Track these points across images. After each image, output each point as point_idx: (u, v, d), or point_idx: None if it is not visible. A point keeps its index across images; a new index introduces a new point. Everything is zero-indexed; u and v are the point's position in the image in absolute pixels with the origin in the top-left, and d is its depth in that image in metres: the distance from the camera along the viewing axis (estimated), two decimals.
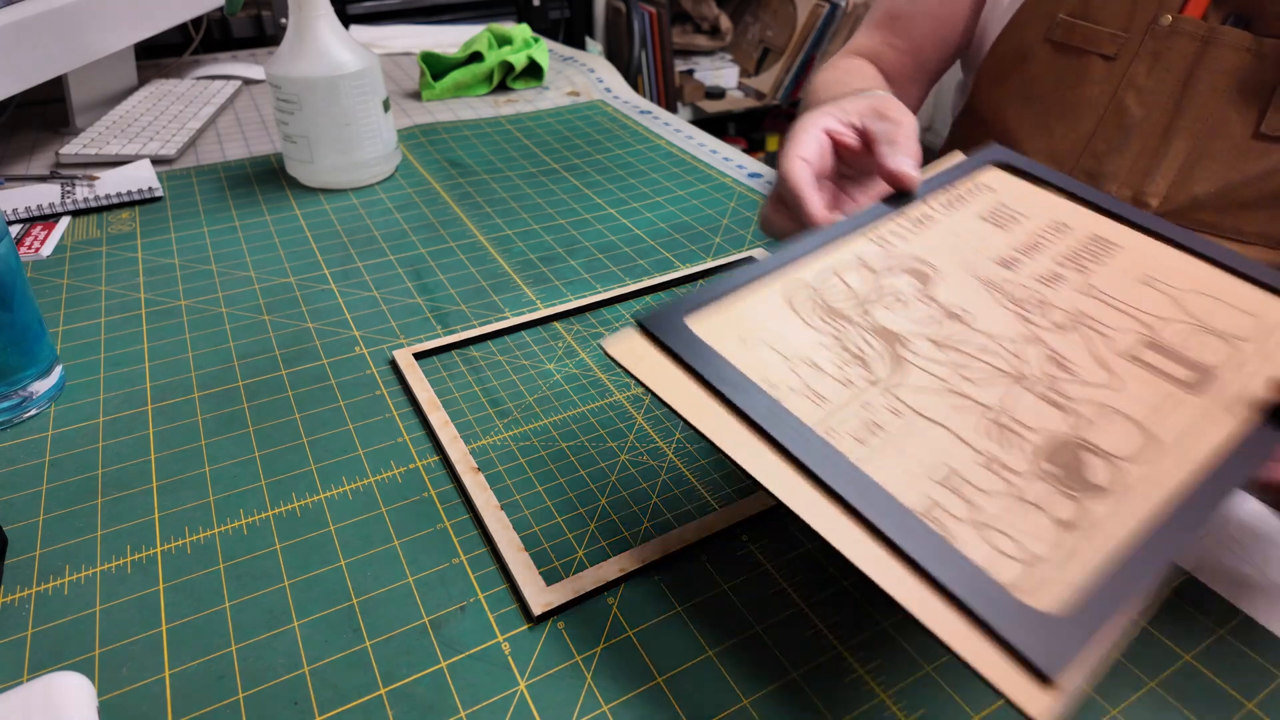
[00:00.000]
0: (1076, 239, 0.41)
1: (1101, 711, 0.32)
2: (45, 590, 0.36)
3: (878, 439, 0.31)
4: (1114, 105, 0.59)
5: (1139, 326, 0.36)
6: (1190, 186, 0.56)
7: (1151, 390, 0.33)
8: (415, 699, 0.32)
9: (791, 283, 0.37)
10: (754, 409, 0.30)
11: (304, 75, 0.69)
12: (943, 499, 0.28)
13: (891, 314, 0.36)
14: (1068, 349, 0.35)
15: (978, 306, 0.37)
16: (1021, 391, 0.33)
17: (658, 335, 0.33)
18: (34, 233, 0.66)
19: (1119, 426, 0.32)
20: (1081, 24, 0.60)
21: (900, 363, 0.34)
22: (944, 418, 0.32)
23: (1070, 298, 0.38)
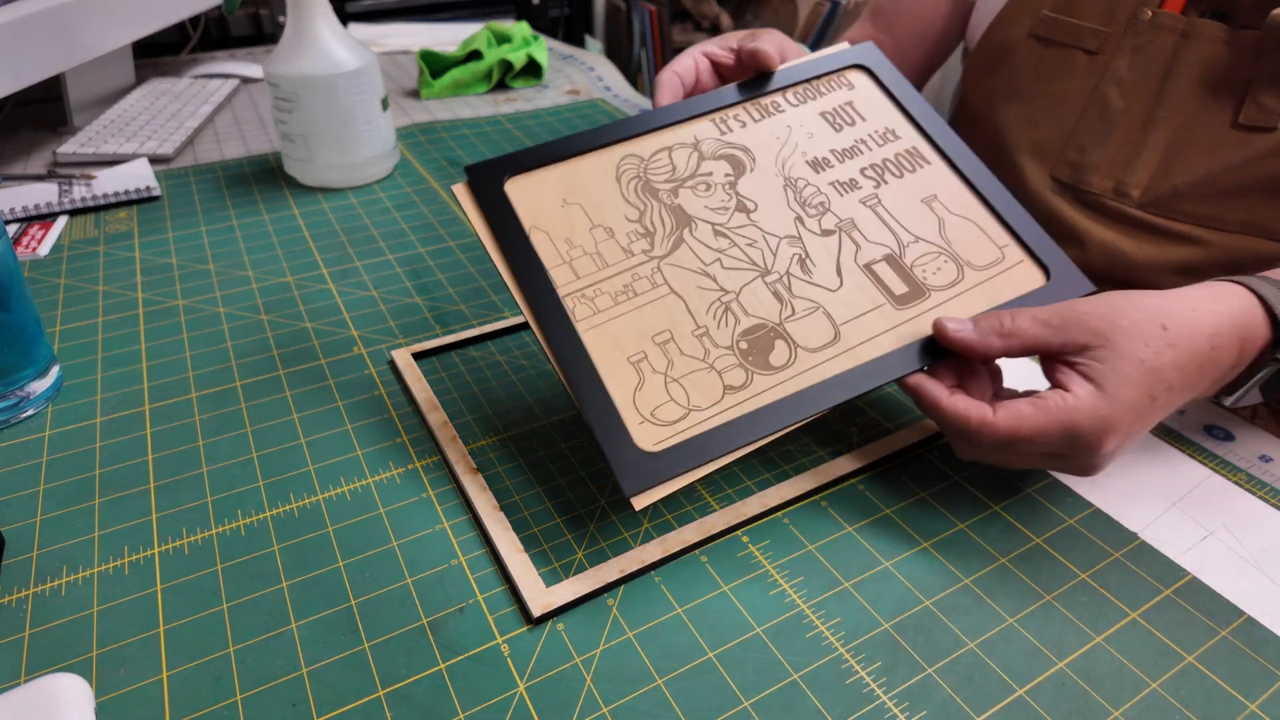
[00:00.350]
0: (895, 150, 0.47)
1: (1104, 713, 0.32)
2: (43, 591, 0.36)
3: (626, 302, 0.40)
4: (1096, 98, 0.60)
5: (892, 242, 0.43)
6: (1171, 177, 0.57)
7: (865, 298, 0.41)
8: (414, 700, 0.32)
9: (627, 154, 0.45)
10: (521, 271, 0.40)
11: (302, 74, 0.68)
12: (651, 354, 0.38)
13: (694, 196, 0.44)
14: (819, 253, 0.43)
15: (767, 203, 0.44)
16: (760, 284, 0.41)
17: (475, 188, 0.41)
18: (31, 232, 0.66)
19: (818, 323, 0.40)
20: (1064, 20, 0.62)
21: (679, 243, 0.42)
22: (687, 294, 0.40)
23: (850, 206, 0.45)
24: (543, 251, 0.41)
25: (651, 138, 0.46)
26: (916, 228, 0.44)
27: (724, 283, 0.41)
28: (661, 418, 0.37)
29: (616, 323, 0.39)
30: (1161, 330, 0.36)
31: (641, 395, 0.37)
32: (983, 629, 0.35)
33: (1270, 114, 0.53)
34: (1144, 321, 0.36)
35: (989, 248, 0.44)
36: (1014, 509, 0.41)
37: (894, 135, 0.48)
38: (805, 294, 0.41)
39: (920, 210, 0.45)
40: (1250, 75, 0.53)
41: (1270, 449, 0.45)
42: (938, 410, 0.37)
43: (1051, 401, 0.35)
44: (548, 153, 0.44)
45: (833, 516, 0.40)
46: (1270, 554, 0.38)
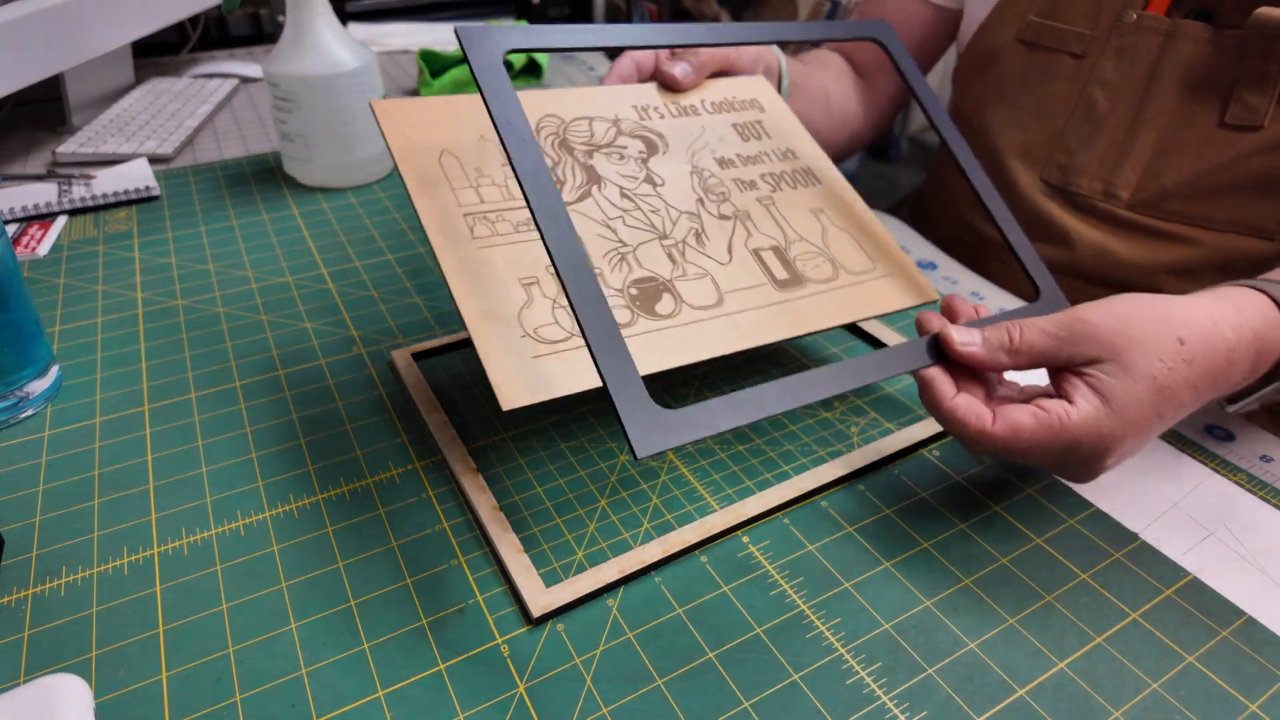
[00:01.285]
0: (793, 166, 0.52)
1: (1105, 714, 0.32)
2: (42, 591, 0.36)
3: (527, 232, 0.41)
4: (1083, 101, 0.61)
5: (779, 236, 0.47)
6: (1159, 177, 0.57)
7: (748, 276, 0.44)
8: (414, 701, 0.32)
9: (549, 113, 0.47)
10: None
11: (302, 73, 0.68)
12: (543, 280, 0.39)
13: (607, 162, 0.46)
14: (714, 231, 0.45)
15: (673, 182, 0.47)
16: (656, 244, 0.43)
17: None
18: (30, 232, 0.66)
19: (704, 287, 0.42)
20: (1050, 24, 0.62)
21: (587, 196, 0.44)
22: (587, 239, 0.42)
23: (747, 201, 0.48)
24: (451, 174, 0.43)
25: (575, 101, 0.49)
26: (802, 230, 0.48)
27: (623, 237, 0.43)
28: (544, 336, 0.38)
29: (514, 248, 0.41)
30: (1178, 345, 0.34)
31: (529, 313, 0.38)
32: (983, 629, 0.35)
33: (1256, 112, 0.53)
34: (1160, 334, 0.34)
35: (862, 259, 0.48)
36: (1014, 509, 0.41)
37: (793, 155, 0.53)
38: (697, 261, 0.43)
39: (808, 217, 0.49)
40: (1235, 74, 0.54)
41: (1270, 449, 0.45)
42: (938, 409, 0.37)
43: (1053, 414, 0.34)
44: (532, 37, 0.43)
45: (833, 517, 0.40)
46: (1271, 554, 0.38)
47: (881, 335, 0.53)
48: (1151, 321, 0.35)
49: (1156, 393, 0.34)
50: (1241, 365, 0.36)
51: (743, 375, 0.50)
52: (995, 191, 0.48)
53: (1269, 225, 0.54)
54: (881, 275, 0.47)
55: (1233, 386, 0.38)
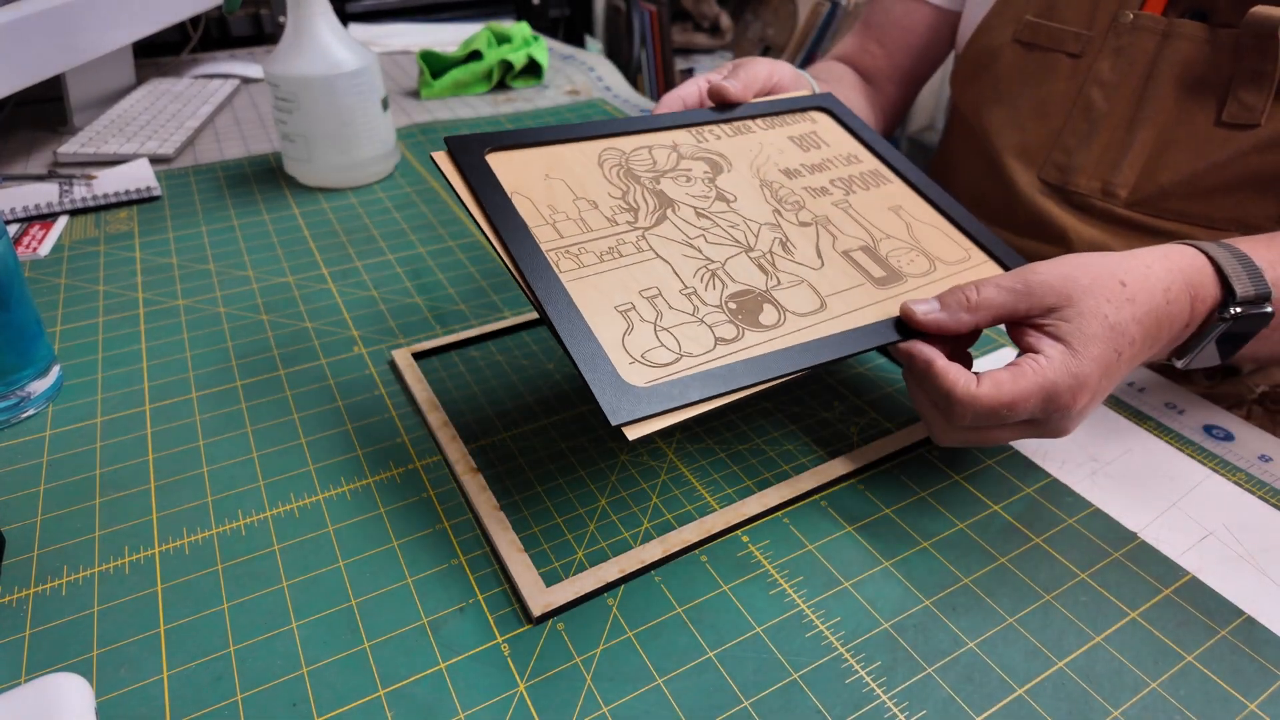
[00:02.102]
0: (859, 170, 0.51)
1: (1104, 713, 0.32)
2: (43, 591, 0.36)
3: (611, 261, 0.40)
4: (1080, 101, 0.61)
5: (866, 236, 0.46)
6: (1157, 176, 0.57)
7: (846, 278, 0.43)
8: (414, 700, 0.32)
9: (607, 147, 0.47)
10: (503, 226, 0.39)
11: (302, 74, 0.69)
12: (640, 305, 0.38)
13: (675, 185, 0.46)
14: (799, 239, 0.44)
15: (746, 196, 0.46)
16: (745, 258, 0.42)
17: (455, 156, 0.42)
18: (32, 232, 0.66)
19: (804, 293, 0.41)
20: (1046, 24, 0.62)
21: (663, 219, 0.43)
22: (671, 258, 0.41)
23: (824, 206, 0.47)
24: (525, 213, 0.41)
25: (631, 138, 0.49)
26: (886, 228, 0.47)
27: (709, 254, 0.42)
28: (652, 360, 0.36)
29: (602, 277, 0.39)
30: (1121, 286, 0.37)
31: (631, 339, 0.36)
32: (982, 629, 0.35)
33: (1252, 111, 0.53)
34: (1103, 278, 0.37)
35: (955, 248, 0.47)
36: (1013, 508, 0.41)
37: (856, 159, 0.52)
38: (789, 269, 0.42)
39: (888, 215, 0.48)
40: (1231, 73, 0.54)
41: (1270, 449, 0.45)
42: (930, 371, 0.37)
43: (1027, 366, 0.36)
44: (527, 137, 0.45)
45: (833, 516, 0.40)
46: (1270, 554, 0.38)
47: None
48: (1094, 269, 0.38)
49: (1110, 329, 0.36)
50: (1179, 305, 0.38)
51: None
52: (936, 185, 0.51)
53: (1266, 223, 0.54)
54: (980, 261, 0.46)
55: (1175, 332, 0.39)
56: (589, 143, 0.47)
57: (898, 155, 0.53)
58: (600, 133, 0.48)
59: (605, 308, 0.38)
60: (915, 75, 0.79)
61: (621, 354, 0.36)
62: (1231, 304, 0.39)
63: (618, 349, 0.36)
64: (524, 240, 0.39)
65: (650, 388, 0.34)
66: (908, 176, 0.52)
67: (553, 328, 0.36)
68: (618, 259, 0.40)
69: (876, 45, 0.78)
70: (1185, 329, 0.40)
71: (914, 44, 0.76)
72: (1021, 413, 0.36)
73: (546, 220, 0.41)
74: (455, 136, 0.43)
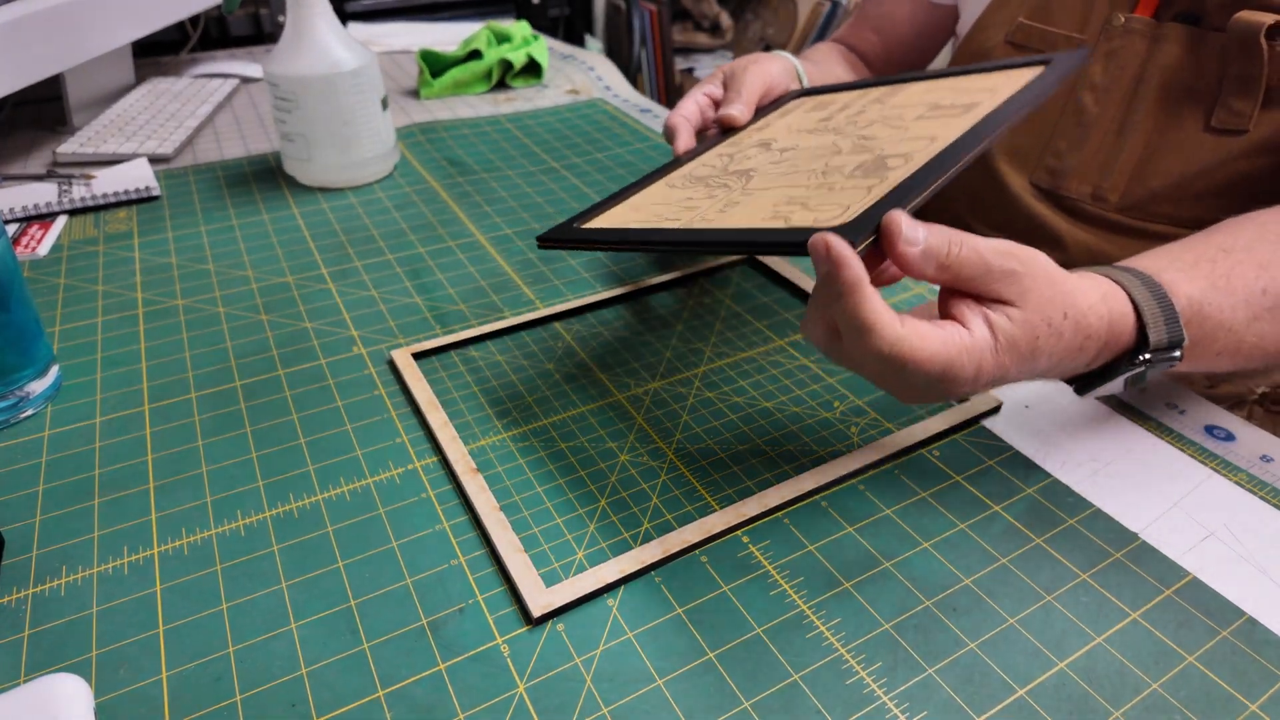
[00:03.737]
0: (873, 96, 0.56)
1: (1105, 714, 0.32)
2: (42, 591, 0.36)
3: (736, 207, 0.44)
4: (1071, 104, 0.61)
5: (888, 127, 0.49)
6: (1147, 180, 0.57)
7: (931, 125, 0.46)
8: (414, 701, 0.32)
9: (669, 177, 0.53)
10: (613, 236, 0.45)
11: (302, 73, 0.68)
12: (787, 210, 0.40)
13: (746, 160, 0.51)
14: (875, 131, 0.48)
15: (804, 143, 0.51)
16: (838, 156, 0.46)
17: (555, 240, 0.47)
18: (31, 232, 0.66)
19: (902, 149, 0.44)
20: (1039, 27, 0.62)
21: (749, 178, 0.48)
22: (780, 185, 0.45)
23: (873, 117, 0.52)
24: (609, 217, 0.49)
25: (680, 169, 0.54)
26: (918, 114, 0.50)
27: (808, 167, 0.46)
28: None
29: (732, 215, 0.43)
30: (1062, 318, 0.35)
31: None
32: (983, 629, 0.35)
33: (1241, 117, 0.53)
34: (1056, 301, 0.35)
35: (982, 90, 0.50)
36: (1014, 509, 0.41)
37: (866, 94, 0.57)
38: (881, 144, 0.46)
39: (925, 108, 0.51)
40: (1220, 78, 0.54)
41: (1271, 449, 0.45)
42: (858, 292, 0.32)
43: (954, 333, 0.34)
44: (601, 204, 0.51)
45: (833, 516, 0.40)
46: (1271, 554, 0.38)
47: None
48: (1054, 286, 0.36)
49: (1030, 347, 0.35)
50: (1087, 354, 0.37)
51: (744, 375, 0.50)
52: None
53: None
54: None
55: (1066, 368, 0.38)
56: (648, 184, 0.53)
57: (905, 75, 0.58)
58: (656, 174, 0.54)
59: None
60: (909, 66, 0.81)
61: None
62: (1144, 350, 0.38)
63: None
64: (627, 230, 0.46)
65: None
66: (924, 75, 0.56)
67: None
68: (736, 205, 0.45)
69: (874, 35, 0.79)
70: (1084, 367, 0.38)
71: (905, 36, 0.77)
72: (918, 376, 0.33)
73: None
74: (547, 233, 0.48)
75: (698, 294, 0.59)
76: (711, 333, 0.54)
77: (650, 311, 0.57)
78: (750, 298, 0.58)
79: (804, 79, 0.66)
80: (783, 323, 0.55)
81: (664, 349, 0.53)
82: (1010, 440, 0.45)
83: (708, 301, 0.58)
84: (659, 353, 0.52)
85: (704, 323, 0.55)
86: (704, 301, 0.58)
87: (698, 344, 0.53)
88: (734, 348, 0.53)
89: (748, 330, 0.55)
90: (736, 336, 0.54)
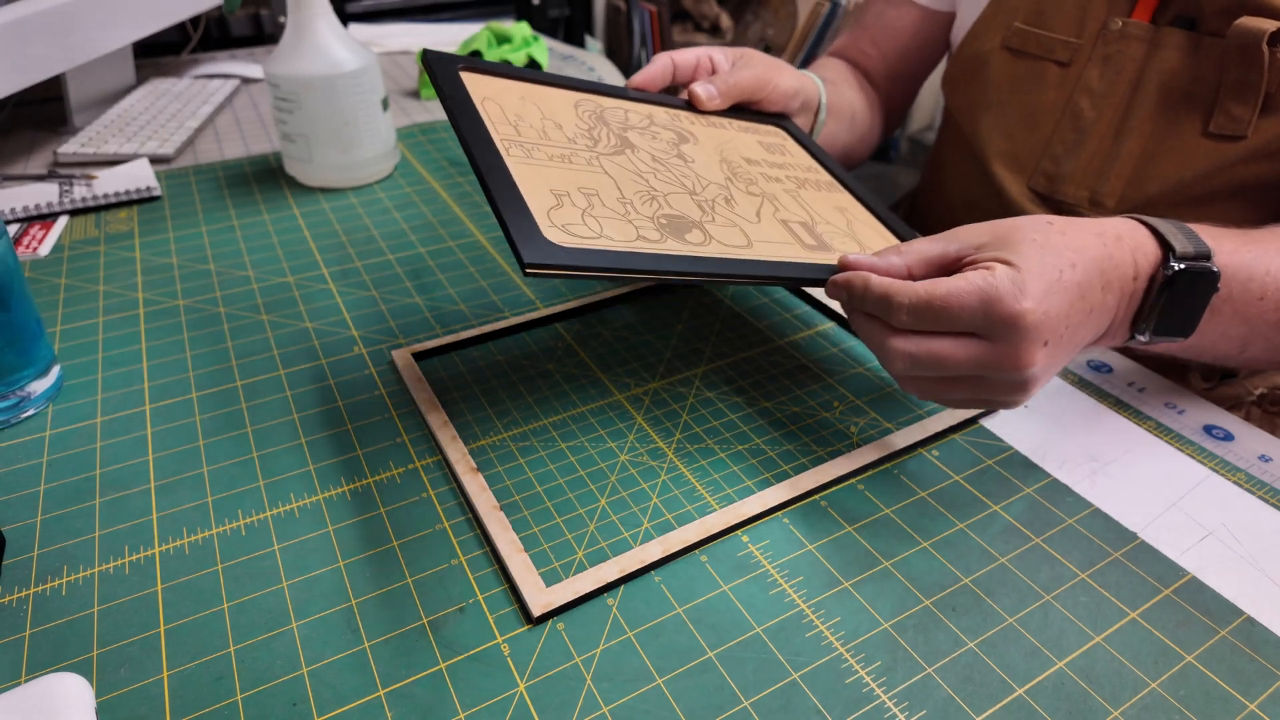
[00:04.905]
0: (814, 177, 0.55)
1: (1104, 713, 0.32)
2: (43, 591, 0.36)
3: (561, 164, 0.42)
4: (1069, 109, 0.61)
5: (806, 216, 0.49)
6: (1144, 185, 0.57)
7: (778, 235, 0.45)
8: (414, 700, 0.32)
9: (586, 98, 0.51)
10: (465, 123, 0.42)
11: (302, 74, 0.69)
12: (573, 195, 0.40)
13: (640, 137, 0.49)
14: (742, 200, 0.47)
15: (703, 163, 0.49)
16: (687, 196, 0.45)
17: (430, 68, 0.45)
18: (32, 232, 0.66)
19: (734, 233, 0.43)
20: (1036, 32, 0.62)
21: (619, 152, 0.46)
22: (618, 178, 0.43)
23: (774, 188, 0.50)
24: (490, 113, 0.44)
25: (610, 99, 0.52)
26: (827, 217, 0.50)
27: (654, 185, 0.44)
28: (573, 232, 0.37)
29: (547, 169, 0.41)
30: (1048, 224, 0.38)
31: (557, 213, 0.38)
32: (982, 628, 0.35)
33: (1240, 122, 0.53)
34: (1030, 221, 0.39)
35: (887, 243, 0.50)
36: (1014, 509, 0.41)
37: (815, 170, 0.56)
38: (726, 216, 0.45)
39: (832, 210, 0.51)
40: (1218, 83, 0.54)
41: (1270, 449, 0.45)
42: (868, 284, 0.38)
43: (967, 272, 0.37)
44: (509, 70, 0.49)
45: (833, 516, 0.40)
46: (1270, 554, 0.38)
47: None
48: (1021, 219, 0.39)
49: (1043, 250, 0.36)
50: (1116, 248, 0.39)
51: (744, 375, 0.50)
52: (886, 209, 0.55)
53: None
54: None
55: (1121, 277, 0.39)
56: (568, 91, 0.51)
57: (852, 178, 0.57)
58: (581, 87, 0.51)
59: (540, 187, 0.40)
60: (911, 75, 0.79)
61: (545, 219, 0.37)
62: (1173, 259, 0.39)
63: (543, 215, 0.38)
64: (478, 127, 0.42)
65: (565, 247, 0.36)
66: (859, 194, 0.55)
67: (485, 186, 0.38)
68: (567, 164, 0.43)
69: (871, 46, 0.78)
70: (1133, 280, 0.39)
71: (906, 45, 0.76)
72: (961, 314, 0.35)
73: (509, 122, 0.44)
74: (433, 51, 0.46)
75: (698, 294, 0.59)
76: (711, 333, 0.54)
77: (650, 311, 0.57)
78: (750, 298, 0.58)
79: (823, 104, 0.65)
80: (783, 323, 0.56)
81: (664, 349, 0.53)
82: (1009, 440, 0.45)
83: (708, 301, 0.58)
84: (659, 353, 0.52)
85: (704, 323, 0.55)
86: (704, 301, 0.58)
87: (698, 344, 0.53)
88: (734, 348, 0.53)
89: (748, 330, 0.55)
90: (736, 336, 0.54)
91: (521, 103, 0.46)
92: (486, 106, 0.44)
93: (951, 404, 0.40)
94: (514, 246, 0.35)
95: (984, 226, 0.39)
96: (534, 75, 0.50)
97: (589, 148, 0.45)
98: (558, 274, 0.35)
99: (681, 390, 0.49)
